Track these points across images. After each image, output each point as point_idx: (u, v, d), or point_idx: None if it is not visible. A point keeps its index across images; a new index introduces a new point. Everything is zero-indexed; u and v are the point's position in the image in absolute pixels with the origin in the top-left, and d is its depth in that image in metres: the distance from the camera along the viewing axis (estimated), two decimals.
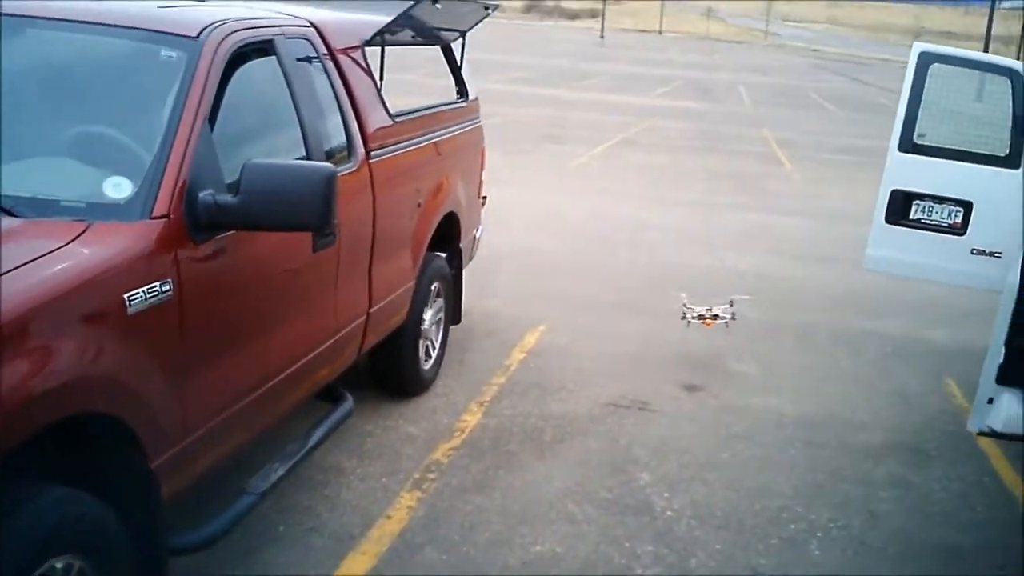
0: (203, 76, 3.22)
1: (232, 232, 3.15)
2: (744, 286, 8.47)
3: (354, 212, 4.22)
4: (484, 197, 6.84)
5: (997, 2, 41.01)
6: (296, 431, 4.10)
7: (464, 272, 6.57)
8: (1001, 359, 4.55)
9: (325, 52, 4.22)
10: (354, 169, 4.20)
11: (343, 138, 4.20)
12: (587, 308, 7.49)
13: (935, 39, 9.15)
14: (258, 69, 3.72)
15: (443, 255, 5.75)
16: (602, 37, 77.87)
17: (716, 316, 6.95)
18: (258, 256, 3.40)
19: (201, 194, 3.02)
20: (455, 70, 6.15)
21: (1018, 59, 6.69)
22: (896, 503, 4.74)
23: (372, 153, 4.40)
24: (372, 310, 4.52)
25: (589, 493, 4.59)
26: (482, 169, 6.46)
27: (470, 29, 5.84)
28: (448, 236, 5.80)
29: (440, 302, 5.69)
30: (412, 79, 7.65)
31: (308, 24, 4.20)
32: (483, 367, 6.09)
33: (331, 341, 4.10)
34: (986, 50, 31.40)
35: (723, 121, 23.59)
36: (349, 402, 4.36)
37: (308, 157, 3.80)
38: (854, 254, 9.66)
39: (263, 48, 3.73)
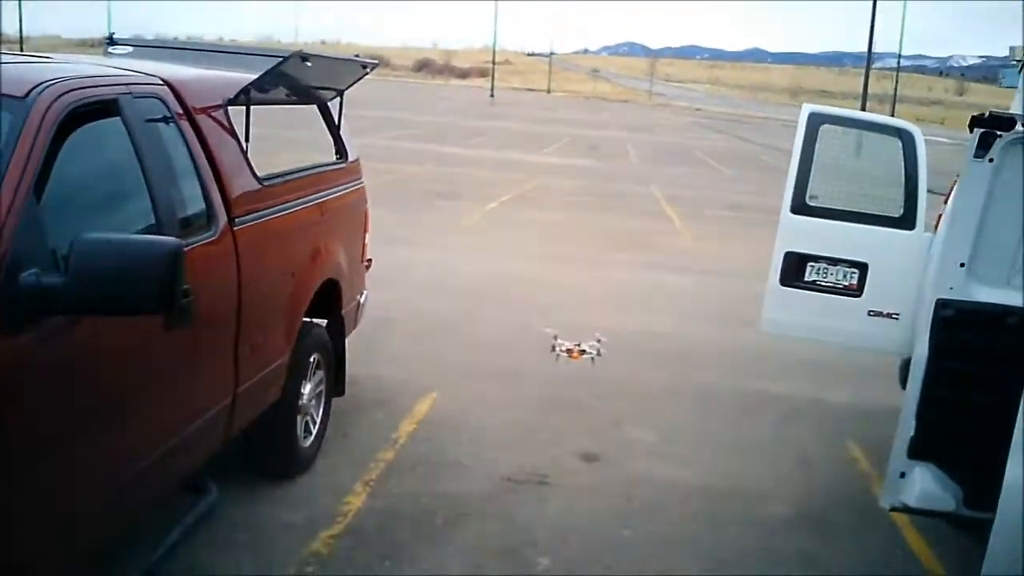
0: (29, 140, 2.81)
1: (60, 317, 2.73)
2: (638, 346, 8.27)
3: (216, 284, 3.82)
4: (369, 260, 6.48)
5: (872, 62, 42.65)
6: (152, 531, 3.64)
7: (350, 338, 6.18)
8: (912, 432, 4.37)
9: (180, 112, 3.83)
10: (214, 238, 3.80)
11: (201, 205, 3.80)
12: (480, 372, 7.16)
13: (812, 98, 9.26)
14: (99, 131, 3.32)
15: (322, 324, 5.35)
16: (492, 95, 78.64)
17: (584, 351, 7.31)
18: (94, 341, 2.98)
19: (22, 275, 2.61)
20: (333, 130, 5.80)
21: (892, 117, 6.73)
22: None
23: (236, 220, 4.01)
24: (240, 390, 4.09)
25: None
26: (365, 232, 6.10)
27: (348, 88, 5.52)
28: (329, 303, 5.42)
29: (320, 374, 5.29)
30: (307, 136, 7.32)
31: (160, 82, 3.81)
32: (370, 441, 5.69)
33: (190, 429, 3.66)
34: (863, 108, 32.54)
35: (612, 178, 23.74)
36: (212, 495, 3.92)
37: (158, 227, 3.40)
38: (747, 312, 9.61)
39: (105, 108, 3.33)
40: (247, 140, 4.35)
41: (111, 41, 5.67)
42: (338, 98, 5.62)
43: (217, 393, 3.93)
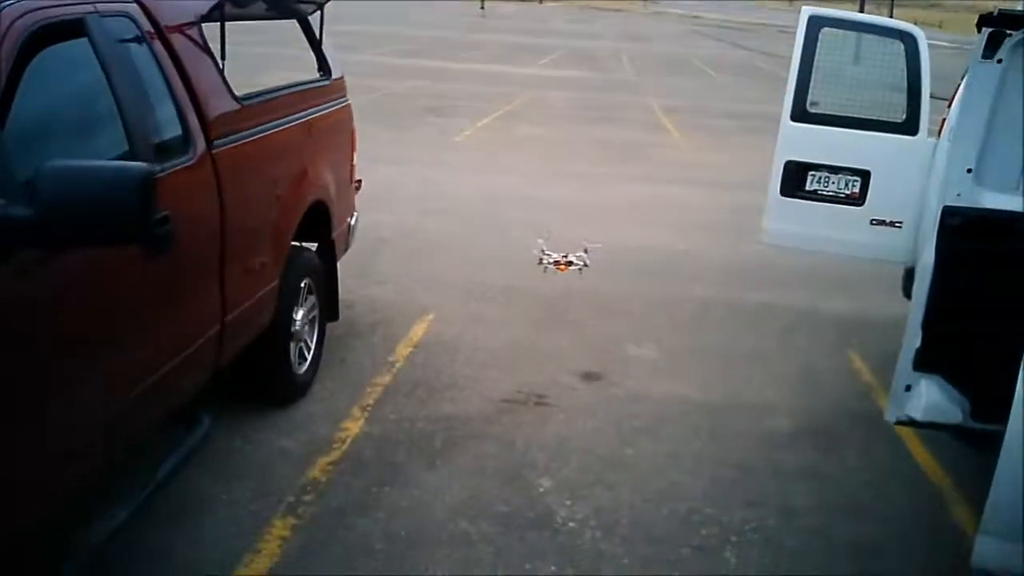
0: None
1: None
2: (637, 261, 8.16)
3: (196, 210, 3.68)
4: (359, 181, 6.31)
5: None
6: (144, 464, 3.56)
7: (344, 260, 6.06)
8: (918, 344, 4.27)
9: (151, 31, 3.64)
10: (192, 162, 3.64)
11: (177, 128, 3.64)
12: (477, 293, 7.05)
13: (811, 2, 8.93)
14: (66, 53, 3.13)
15: (312, 248, 5.22)
16: (482, 8, 77.17)
17: (570, 263, 7.25)
18: (73, 272, 2.85)
19: None
20: (315, 45, 5.58)
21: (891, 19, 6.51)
22: (811, 497, 4.44)
23: (215, 143, 3.84)
24: (228, 318, 3.98)
25: (485, 507, 4.16)
26: (353, 151, 5.92)
27: (327, 1, 5.29)
28: (318, 227, 5.28)
29: (312, 299, 5.17)
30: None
31: None
32: (367, 365, 5.60)
33: (178, 359, 3.56)
34: (861, 10, 31.92)
35: (608, 89, 23.36)
36: (205, 425, 3.82)
37: (132, 153, 3.24)
38: (747, 223, 9.46)
39: (71, 28, 3.14)
40: (223, 58, 4.16)
41: None
42: (318, 11, 5.39)
43: (204, 321, 3.81)
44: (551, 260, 7.44)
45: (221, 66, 4.14)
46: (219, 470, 4.29)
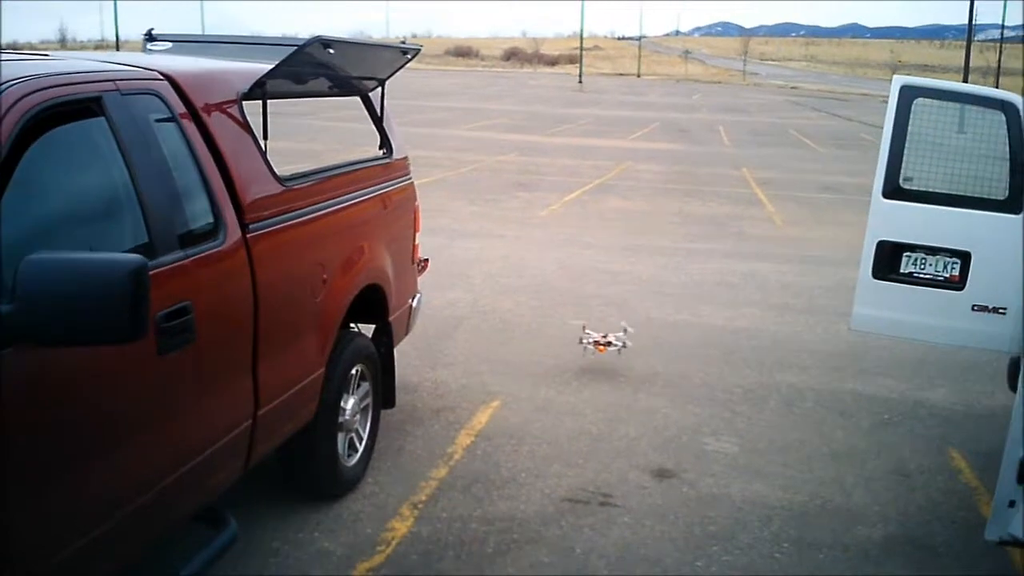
0: None
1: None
2: (723, 342, 7.73)
3: (224, 298, 3.45)
4: (425, 261, 6.09)
5: (973, 34, 40.78)
6: (161, 570, 3.30)
7: (412, 340, 5.83)
8: (1022, 452, 3.78)
9: (182, 109, 3.46)
10: (221, 248, 3.43)
11: (208, 214, 3.43)
12: (548, 378, 6.71)
13: (912, 72, 8.59)
14: (78, 134, 2.97)
15: (365, 334, 4.98)
16: (580, 82, 77.90)
17: (609, 343, 6.94)
18: (60, 374, 2.62)
19: None
20: (377, 122, 5.40)
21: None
22: None
23: (251, 226, 3.63)
24: (261, 412, 3.73)
25: None
26: (416, 231, 5.70)
27: (389, 76, 5.12)
28: (374, 310, 5.04)
29: (366, 387, 4.91)
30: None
31: (159, 76, 3.45)
32: (423, 456, 5.30)
33: (198, 459, 3.30)
34: (965, 81, 31.08)
35: (702, 162, 22.99)
36: (230, 529, 3.55)
37: (151, 242, 3.04)
38: (842, 303, 8.98)
39: (86, 108, 2.97)
40: (265, 137, 3.98)
41: (149, 37, 5.39)
42: (379, 88, 5.22)
43: (232, 417, 3.56)
44: (591, 340, 7.03)
45: (263, 146, 3.95)
46: (253, 571, 4.01)
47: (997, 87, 34.20)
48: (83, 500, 2.76)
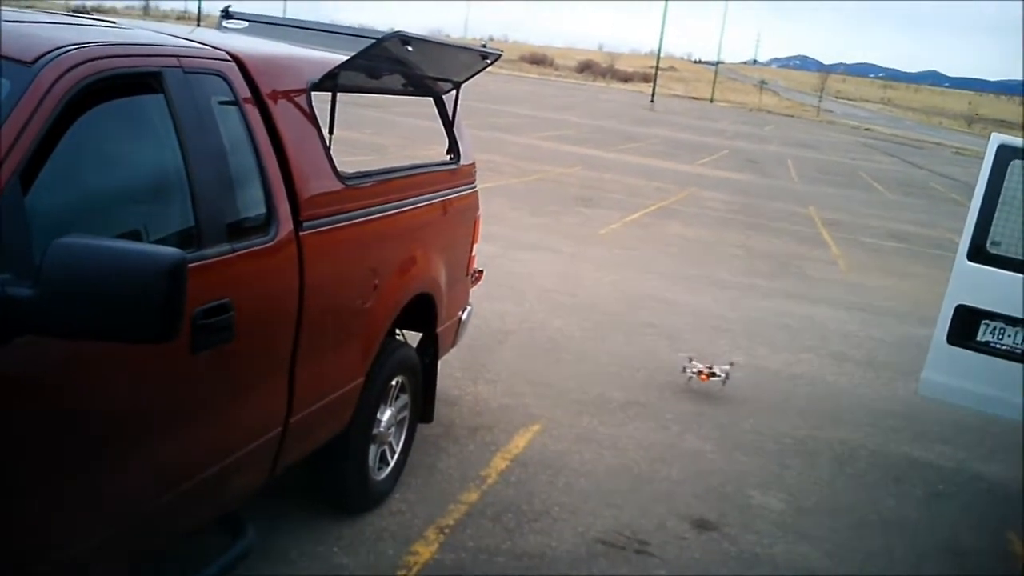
0: (24, 115, 2.30)
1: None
2: (777, 389, 7.44)
3: (267, 299, 3.27)
4: (479, 272, 5.88)
5: None
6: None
7: (456, 351, 5.62)
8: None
9: (247, 95, 3.29)
10: (271, 244, 3.24)
11: (261, 206, 3.25)
12: (592, 406, 6.47)
13: (990, 127, 8.19)
14: (133, 110, 2.80)
15: (410, 344, 4.78)
16: (652, 101, 77.46)
17: (713, 374, 7.06)
18: (82, 365, 2.45)
19: None
20: (448, 126, 5.21)
21: None
22: None
23: (306, 224, 3.45)
24: (293, 419, 3.54)
25: None
26: (474, 241, 5.49)
27: (465, 80, 4.93)
28: (421, 319, 4.85)
29: (404, 399, 4.71)
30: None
31: (227, 56, 3.28)
32: (455, 477, 5.08)
33: (219, 466, 3.12)
34: None
35: (768, 195, 22.58)
36: (247, 539, 3.36)
37: (197, 231, 2.87)
38: (903, 360, 8.64)
39: (144, 83, 2.81)
40: (331, 131, 3.80)
41: (225, 14, 5.27)
42: (455, 91, 5.03)
43: (262, 424, 3.37)
44: (695, 370, 7.05)
45: (328, 140, 3.77)
46: None
47: None
48: (97, 499, 2.59)
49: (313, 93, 3.71)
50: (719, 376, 7.08)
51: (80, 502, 2.55)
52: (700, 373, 7.07)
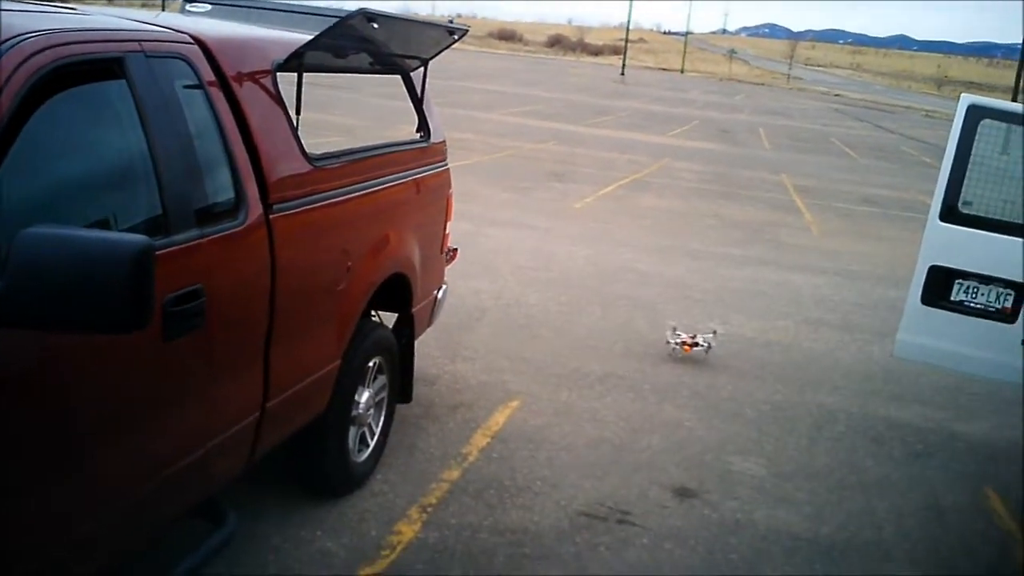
0: None
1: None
2: (754, 356, 7.48)
3: (238, 284, 3.25)
4: (453, 250, 5.87)
5: None
6: (154, 566, 3.11)
7: (433, 330, 5.61)
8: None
9: (212, 78, 3.25)
10: (240, 228, 3.21)
11: (229, 190, 3.22)
12: (570, 380, 6.49)
13: (959, 89, 8.22)
14: (95, 97, 2.76)
15: (386, 325, 4.77)
16: (623, 74, 77.33)
17: (696, 343, 7.12)
18: (54, 357, 2.43)
19: None
20: (416, 104, 5.17)
21: None
22: None
23: (275, 207, 3.42)
24: (270, 404, 3.52)
25: None
26: (448, 219, 5.47)
27: (433, 57, 4.89)
28: (397, 300, 4.83)
29: (382, 379, 4.70)
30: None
31: (189, 39, 3.23)
32: (436, 456, 5.09)
33: (197, 453, 3.10)
34: (1014, 99, 30.46)
35: (740, 164, 22.62)
36: (228, 525, 3.35)
37: (165, 217, 2.84)
38: (878, 322, 8.71)
39: (107, 68, 2.77)
40: (298, 113, 3.76)
41: None
42: (422, 68, 4.99)
43: (238, 410, 3.36)
44: (678, 340, 7.12)
45: (295, 122, 3.74)
46: (248, 569, 3.81)
47: None
48: (76, 493, 2.57)
49: (279, 74, 3.67)
50: (702, 346, 7.13)
51: (56, 497, 2.52)
52: (683, 343, 7.12)
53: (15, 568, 2.43)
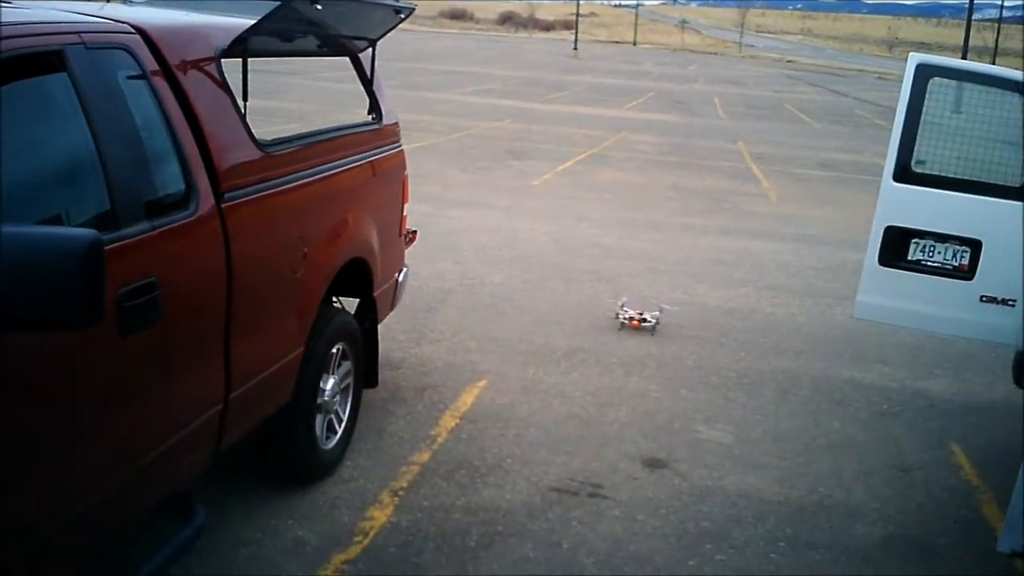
0: None
1: None
2: (717, 324, 7.52)
3: (193, 275, 3.20)
4: (412, 232, 5.83)
5: (972, 13, 40.42)
6: (120, 565, 3.07)
7: (397, 314, 5.58)
8: None
9: (155, 67, 3.19)
10: (192, 219, 3.17)
11: (179, 181, 3.17)
12: (537, 357, 6.48)
13: (909, 50, 8.31)
14: (34, 92, 2.70)
15: (347, 310, 4.74)
16: (575, 48, 77.17)
17: (644, 319, 7.18)
18: (9, 358, 2.37)
19: None
20: (367, 86, 5.12)
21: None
22: None
23: (226, 195, 3.37)
24: (233, 395, 3.49)
25: None
26: (404, 201, 5.43)
27: (381, 36, 4.84)
28: (357, 285, 4.80)
29: (347, 366, 4.67)
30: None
31: (130, 29, 3.17)
32: (406, 439, 5.07)
33: (158, 450, 3.06)
34: (964, 58, 30.79)
35: (697, 134, 22.70)
36: (197, 520, 3.32)
37: (113, 212, 2.78)
38: (838, 286, 8.78)
39: (45, 62, 2.70)
40: (245, 99, 3.71)
41: None
42: (370, 49, 4.94)
43: (202, 401, 3.32)
44: (627, 316, 7.15)
45: (242, 109, 3.68)
46: (220, 566, 3.78)
47: (994, 64, 33.95)
48: (31, 496, 2.52)
49: (224, 61, 3.61)
50: (650, 322, 7.19)
51: (18, 498, 2.48)
52: (631, 319, 7.18)
53: None
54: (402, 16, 4.71)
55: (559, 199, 12.63)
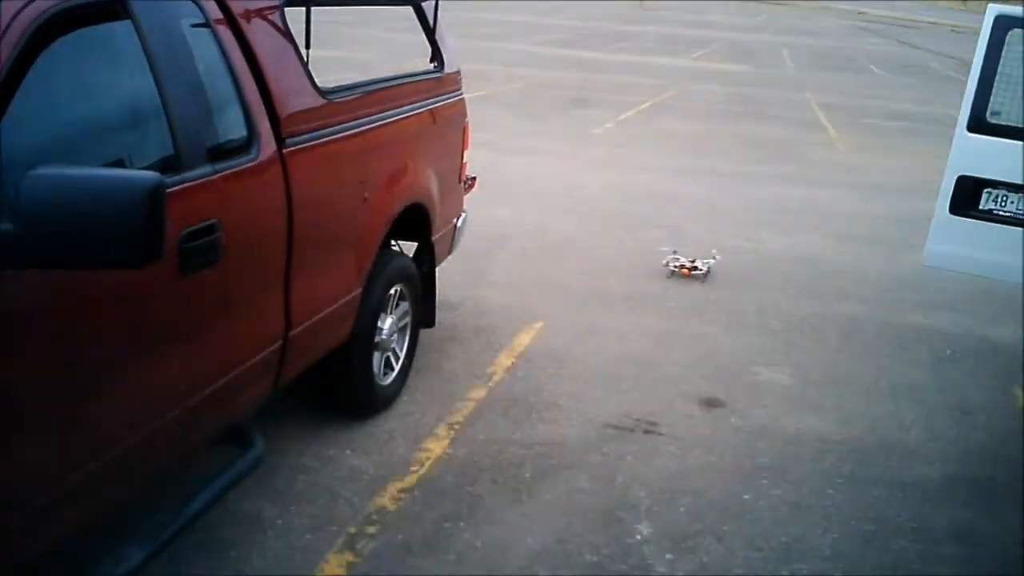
0: None
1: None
2: (780, 270, 7.46)
3: (255, 216, 3.27)
4: (472, 179, 5.85)
5: None
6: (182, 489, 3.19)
7: (455, 257, 5.62)
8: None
9: (219, 15, 3.24)
10: (254, 163, 3.23)
11: (241, 127, 3.23)
12: (595, 301, 6.50)
13: (985, 3, 8.02)
14: (99, 39, 2.76)
15: (406, 254, 4.80)
16: None
17: (696, 267, 7.08)
18: (70, 293, 2.47)
19: None
20: (429, 34, 5.14)
21: None
22: (961, 567, 3.74)
23: (288, 141, 3.43)
24: (292, 333, 3.57)
25: (570, 555, 3.64)
26: (465, 148, 5.46)
27: None
28: (416, 229, 4.85)
29: (405, 306, 4.73)
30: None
31: None
32: (462, 377, 5.14)
33: (221, 383, 3.15)
34: None
35: (764, 84, 22.29)
36: (256, 450, 3.42)
37: (177, 156, 2.85)
38: (907, 234, 8.62)
39: (109, 11, 2.76)
40: (307, 47, 3.75)
41: None
42: None
43: (261, 339, 3.40)
44: (677, 264, 7.06)
45: (305, 56, 3.73)
46: (280, 491, 3.89)
47: None
48: (98, 423, 2.63)
49: (287, 9, 3.66)
50: (701, 270, 7.08)
51: (77, 427, 2.57)
52: (682, 267, 7.09)
53: (53, 488, 2.50)
54: None
55: (620, 148, 12.55)
